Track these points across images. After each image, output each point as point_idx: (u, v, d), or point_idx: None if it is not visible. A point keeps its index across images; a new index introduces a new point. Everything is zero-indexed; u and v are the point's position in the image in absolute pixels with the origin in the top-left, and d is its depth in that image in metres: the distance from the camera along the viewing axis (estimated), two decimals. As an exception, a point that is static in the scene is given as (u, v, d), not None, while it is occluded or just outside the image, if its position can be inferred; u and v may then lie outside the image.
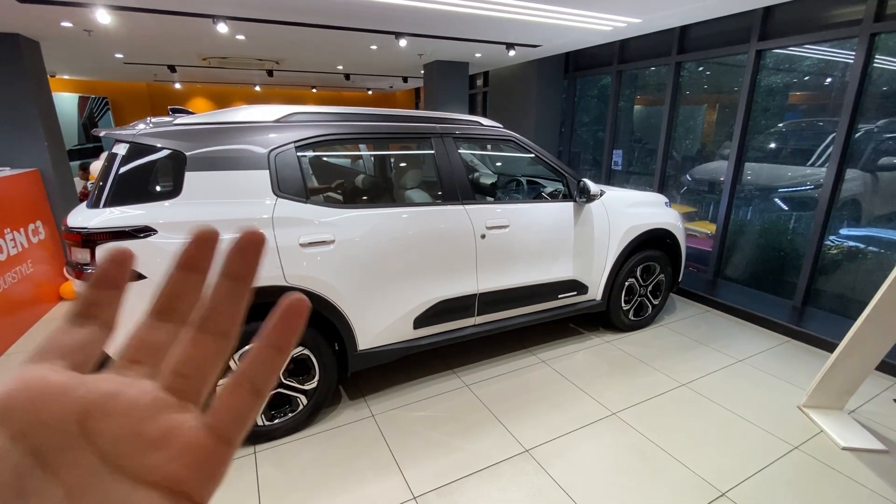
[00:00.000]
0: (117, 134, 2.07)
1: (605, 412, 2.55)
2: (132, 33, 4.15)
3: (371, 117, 2.53)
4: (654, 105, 5.53)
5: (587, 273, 3.17)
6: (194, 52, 5.20)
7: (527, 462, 2.17)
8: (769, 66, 4.08)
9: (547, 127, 6.76)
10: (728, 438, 2.35)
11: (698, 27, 4.58)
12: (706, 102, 4.91)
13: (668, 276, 3.60)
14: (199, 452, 0.19)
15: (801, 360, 3.18)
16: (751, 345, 3.38)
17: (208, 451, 0.19)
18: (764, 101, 4.15)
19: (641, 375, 2.93)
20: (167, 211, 1.98)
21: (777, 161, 4.18)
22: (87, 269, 1.89)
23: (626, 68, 5.58)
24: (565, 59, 6.53)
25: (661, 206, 3.56)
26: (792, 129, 4.05)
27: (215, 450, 0.19)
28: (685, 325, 3.73)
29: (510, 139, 2.92)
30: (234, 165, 2.12)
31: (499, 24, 4.01)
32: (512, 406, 2.60)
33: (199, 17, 3.47)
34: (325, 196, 2.59)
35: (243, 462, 2.17)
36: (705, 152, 4.95)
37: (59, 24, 3.74)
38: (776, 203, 4.27)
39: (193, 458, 0.19)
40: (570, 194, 3.06)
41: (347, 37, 4.36)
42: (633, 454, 2.22)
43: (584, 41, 4.90)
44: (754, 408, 2.60)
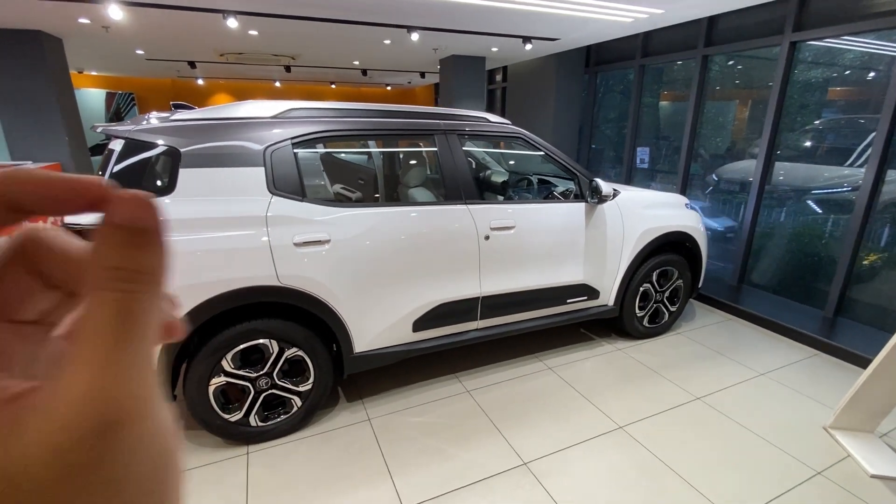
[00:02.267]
0: (113, 130, 2.05)
1: (611, 425, 2.42)
2: (147, 29, 4.19)
3: (371, 113, 2.45)
4: (682, 101, 5.28)
5: (598, 277, 3.02)
6: (211, 47, 5.24)
7: (523, 476, 2.07)
8: (806, 60, 3.81)
9: (566, 123, 6.56)
10: (743, 459, 2.19)
11: (727, 18, 4.33)
12: (737, 98, 4.64)
13: (687, 281, 3.41)
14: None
15: (830, 375, 2.96)
16: (775, 357, 3.17)
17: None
18: (799, 96, 3.89)
19: (653, 387, 2.78)
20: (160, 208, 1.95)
21: (812, 160, 3.91)
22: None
23: (649, 62, 5.35)
24: (586, 53, 6.32)
25: (680, 207, 3.37)
26: (829, 127, 3.78)
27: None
28: (704, 333, 3.53)
29: (519, 136, 2.80)
30: (229, 162, 2.08)
31: (514, 16, 3.87)
32: (513, 414, 2.50)
33: (208, 12, 3.46)
34: (323, 194, 2.53)
35: (235, 462, 2.14)
36: (735, 150, 4.68)
37: (76, 20, 3.80)
38: (809, 205, 4.01)
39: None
40: (581, 194, 2.92)
41: (359, 31, 4.30)
42: (638, 472, 2.09)
43: (604, 34, 4.70)
44: (774, 427, 2.42)
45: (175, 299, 0.19)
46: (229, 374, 2.13)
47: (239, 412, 2.20)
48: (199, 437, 2.30)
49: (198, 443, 2.26)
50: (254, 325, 2.12)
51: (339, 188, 2.94)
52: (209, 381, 2.10)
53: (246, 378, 2.17)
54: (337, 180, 2.99)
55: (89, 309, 0.16)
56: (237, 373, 2.14)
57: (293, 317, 2.21)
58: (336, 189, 2.91)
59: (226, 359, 2.11)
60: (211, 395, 2.12)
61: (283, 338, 2.18)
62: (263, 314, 2.16)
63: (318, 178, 2.64)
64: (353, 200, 2.87)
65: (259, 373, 2.19)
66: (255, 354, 2.21)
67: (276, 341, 2.18)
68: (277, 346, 2.19)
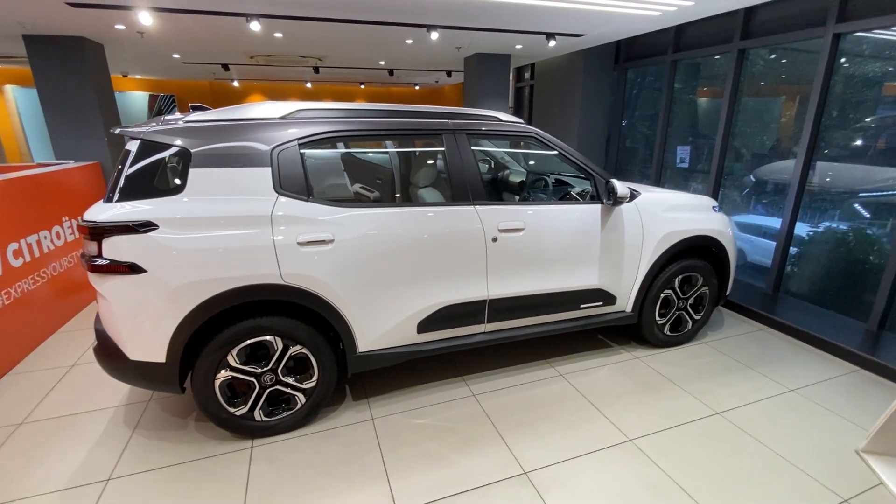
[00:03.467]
0: (130, 131, 2.13)
1: (621, 437, 2.32)
2: (178, 34, 4.36)
3: (379, 113, 2.44)
4: (722, 97, 5.00)
5: (615, 282, 2.91)
6: (241, 50, 5.41)
7: (523, 486, 2.01)
8: (854, 53, 3.53)
9: (594, 121, 6.38)
10: (761, 481, 2.04)
11: (766, 9, 4.08)
12: (783, 94, 4.35)
13: (714, 288, 3.23)
14: None
15: (868, 394, 2.73)
16: (808, 372, 2.96)
17: None
18: (848, 92, 3.60)
19: (670, 399, 2.65)
20: (170, 206, 2.02)
21: (860, 160, 3.62)
22: (96, 262, 1.96)
23: (681, 57, 5.12)
24: (616, 48, 6.11)
25: (706, 210, 3.20)
26: (880, 125, 3.48)
27: None
28: (731, 344, 3.34)
29: (532, 135, 2.73)
30: (237, 162, 2.12)
31: (535, 12, 3.78)
32: (518, 421, 2.44)
33: (233, 17, 3.56)
34: (329, 194, 2.54)
35: (238, 456, 2.19)
36: (779, 149, 4.39)
37: (113, 27, 4.00)
38: (854, 209, 3.72)
39: None
40: (598, 195, 2.81)
41: (380, 31, 4.32)
42: (645, 489, 1.99)
43: (632, 28, 4.53)
44: (800, 448, 2.25)
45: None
46: (235, 369, 2.18)
47: (244, 406, 2.24)
48: (206, 429, 2.36)
49: (206, 435, 2.32)
50: (258, 322, 2.15)
51: (346, 188, 2.95)
52: (215, 375, 2.15)
53: (251, 373, 2.21)
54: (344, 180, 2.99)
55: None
56: (242, 368, 2.19)
57: (297, 315, 2.24)
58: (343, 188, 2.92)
59: (231, 354, 2.16)
60: (217, 388, 2.17)
61: (287, 335, 2.21)
62: (268, 311, 2.19)
63: (326, 178, 2.65)
64: (361, 200, 2.87)
65: (264, 369, 2.23)
66: (260, 351, 2.25)
67: (280, 338, 2.21)
68: (282, 343, 2.22)
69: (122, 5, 3.32)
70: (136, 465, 2.13)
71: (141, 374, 2.09)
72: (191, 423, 2.42)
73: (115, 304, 1.99)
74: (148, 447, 2.25)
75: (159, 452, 2.21)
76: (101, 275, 1.97)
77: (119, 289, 1.97)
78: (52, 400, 2.64)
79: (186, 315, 2.00)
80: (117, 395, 2.68)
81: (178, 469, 2.10)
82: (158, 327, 2.01)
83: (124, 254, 1.94)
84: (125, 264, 1.94)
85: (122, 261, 1.94)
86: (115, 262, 1.94)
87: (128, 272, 1.94)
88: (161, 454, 2.20)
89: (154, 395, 2.68)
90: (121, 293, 1.97)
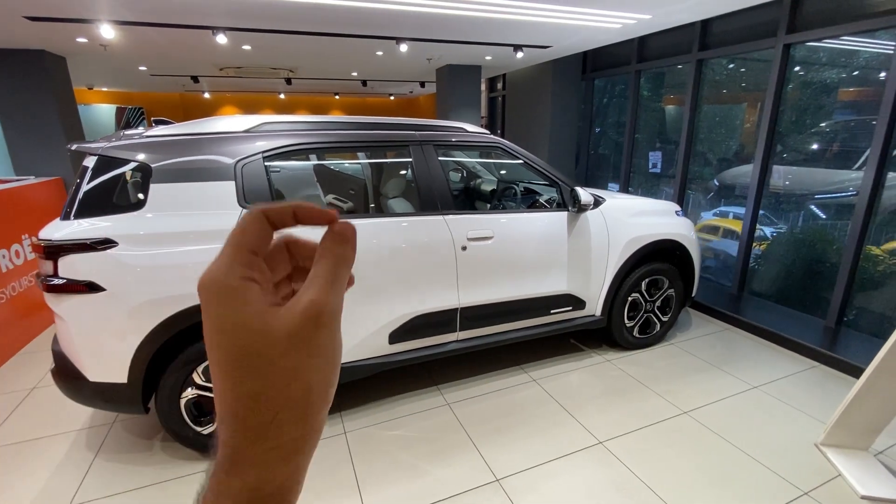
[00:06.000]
0: (87, 147, 2.09)
1: (591, 440, 2.35)
2: (143, 46, 4.30)
3: (345, 126, 2.46)
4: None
5: (584, 287, 2.96)
6: (210, 62, 5.35)
7: (495, 493, 2.02)
8: (810, 61, 3.71)
9: (563, 130, 6.52)
10: (726, 478, 2.10)
11: (721, 22, 4.26)
12: (743, 101, 4.53)
13: (679, 290, 3.33)
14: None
15: (827, 389, 2.84)
16: (771, 369, 3.07)
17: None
18: (800, 99, 3.78)
19: (639, 400, 2.70)
20: (129, 223, 1.98)
21: (815, 164, 3.79)
22: (52, 282, 1.90)
23: (644, 67, 5.29)
24: (583, 59, 6.28)
25: (670, 215, 3.30)
26: (833, 130, 3.66)
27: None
28: (698, 344, 3.44)
29: (498, 146, 2.78)
30: (200, 177, 2.10)
31: (502, 25, 3.86)
32: (491, 429, 2.45)
33: (198, 29, 3.53)
34: None
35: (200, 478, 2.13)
36: (742, 154, 4.56)
37: (75, 39, 3.92)
38: (812, 210, 3.89)
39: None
40: (564, 203, 2.87)
41: (350, 43, 4.34)
42: (613, 490, 2.02)
43: (596, 40, 4.66)
44: (763, 443, 2.33)
45: (352, 276, 0.31)
46: (201, 387, 2.14)
47: (212, 425, 2.19)
48: (173, 449, 2.30)
49: (173, 455, 2.26)
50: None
51: (317, 200, 2.95)
52: (181, 394, 2.11)
53: (218, 391, 2.17)
54: (311, 192, 2.99)
55: (319, 266, 0.29)
56: (208, 385, 2.14)
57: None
58: (313, 201, 2.91)
59: (197, 372, 2.12)
60: (183, 407, 2.12)
61: (254, 351, 2.18)
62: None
63: (294, 191, 2.65)
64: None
65: (231, 386, 2.19)
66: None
67: (247, 354, 2.17)
68: (249, 359, 2.18)
69: (82, 18, 3.25)
70: (98, 490, 2.06)
71: (102, 395, 2.03)
72: (157, 444, 2.35)
73: (72, 324, 1.93)
74: (111, 471, 2.17)
75: (123, 476, 2.14)
76: (57, 294, 1.91)
77: (76, 309, 1.91)
78: (10, 425, 2.53)
79: (148, 334, 1.96)
80: (80, 417, 2.59)
81: (142, 493, 2.04)
82: (118, 347, 1.96)
83: (82, 272, 1.89)
84: (82, 283, 1.89)
85: (79, 280, 1.89)
86: (73, 281, 1.89)
87: (85, 291, 1.89)
88: (125, 477, 2.13)
89: (118, 416, 2.60)
90: (78, 313, 1.92)
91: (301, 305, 0.27)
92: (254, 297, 0.27)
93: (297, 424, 0.27)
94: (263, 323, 0.26)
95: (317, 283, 0.28)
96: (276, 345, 0.26)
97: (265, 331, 0.26)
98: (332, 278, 0.28)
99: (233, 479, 0.26)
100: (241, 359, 0.26)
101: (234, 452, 0.26)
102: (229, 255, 0.28)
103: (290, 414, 0.27)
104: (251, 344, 0.26)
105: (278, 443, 0.27)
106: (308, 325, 0.27)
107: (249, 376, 0.26)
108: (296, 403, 0.27)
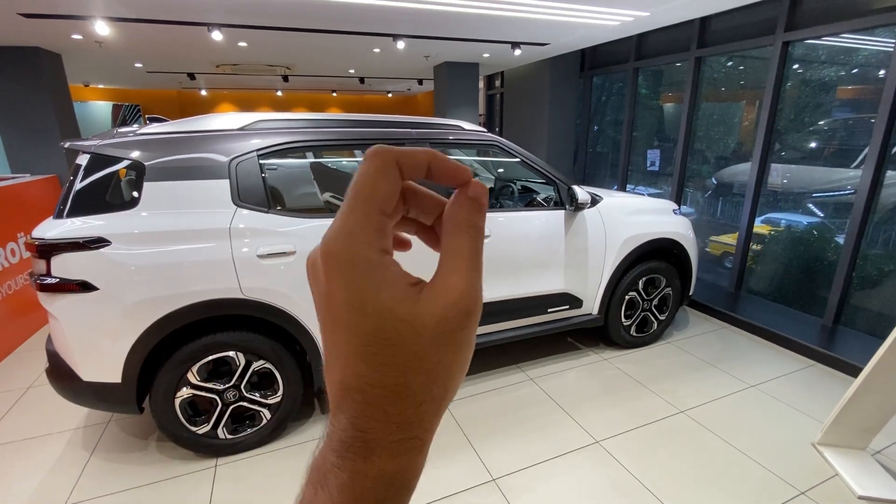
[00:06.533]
0: (79, 145, 2.07)
1: (588, 440, 2.35)
2: (138, 43, 4.27)
3: (341, 123, 2.44)
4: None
5: (581, 286, 2.96)
6: (206, 59, 5.32)
7: (491, 493, 2.01)
8: (808, 59, 3.69)
9: (561, 127, 6.50)
10: (722, 477, 2.10)
11: (720, 19, 4.25)
12: (742, 99, 4.51)
13: (677, 289, 3.32)
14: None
15: (824, 387, 2.84)
16: (768, 368, 3.06)
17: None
18: (798, 97, 3.77)
19: (635, 399, 2.70)
20: (123, 221, 1.96)
21: (814, 162, 3.77)
22: (45, 281, 1.89)
23: (643, 65, 5.27)
24: (581, 56, 6.26)
25: (667, 213, 3.29)
26: (831, 128, 3.65)
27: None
28: (696, 342, 3.43)
29: (494, 144, 2.76)
30: (193, 175, 2.08)
31: (499, 22, 3.84)
32: (488, 428, 2.45)
33: (194, 26, 3.51)
34: (292, 205, 2.52)
35: (202, 475, 2.13)
36: (740, 152, 4.54)
37: (70, 36, 3.89)
38: (809, 209, 3.88)
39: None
40: (561, 201, 2.86)
41: (347, 40, 4.32)
42: (610, 490, 2.02)
43: (594, 37, 4.65)
44: (760, 442, 2.33)
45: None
46: (196, 386, 2.12)
47: (207, 425, 2.18)
48: (168, 449, 2.29)
49: (168, 455, 2.25)
50: (219, 337, 2.11)
51: (313, 198, 2.93)
52: (175, 393, 2.10)
53: (213, 390, 2.16)
54: (305, 191, 2.97)
55: (458, 242, 0.26)
56: (204, 385, 2.13)
57: (260, 329, 2.20)
58: (308, 199, 2.89)
59: (192, 371, 2.11)
60: (177, 407, 2.11)
61: (249, 350, 2.17)
62: (229, 326, 2.15)
63: (287, 189, 2.63)
64: (332, 210, 2.85)
65: (227, 385, 2.18)
66: (223, 367, 2.20)
67: (242, 353, 2.17)
68: (244, 358, 2.18)
69: (76, 15, 3.23)
70: (93, 489, 2.05)
71: (96, 395, 2.02)
72: (152, 444, 2.35)
73: (66, 323, 1.92)
74: (106, 470, 2.17)
75: (118, 475, 2.13)
76: (50, 294, 1.90)
77: (70, 308, 1.90)
78: (5, 424, 2.52)
79: (141, 333, 1.95)
80: (75, 417, 2.58)
81: (137, 492, 2.03)
82: (112, 347, 1.94)
83: (75, 271, 1.88)
84: (76, 282, 1.87)
85: (72, 279, 1.88)
86: (65, 280, 1.88)
87: (79, 290, 1.88)
88: (120, 477, 2.12)
89: (113, 416, 2.59)
90: (72, 312, 1.91)
91: (451, 296, 0.25)
92: (395, 277, 0.25)
93: (435, 417, 0.26)
94: (410, 311, 0.24)
95: (461, 266, 0.26)
96: (424, 337, 0.24)
97: (412, 320, 0.24)
98: (477, 260, 0.26)
99: (370, 465, 0.24)
100: (381, 346, 0.24)
101: (370, 438, 0.24)
102: (362, 217, 0.25)
103: (431, 406, 0.25)
104: (396, 333, 0.24)
105: (417, 433, 0.25)
106: (458, 319, 0.25)
107: (392, 367, 0.24)
108: (435, 397, 0.25)
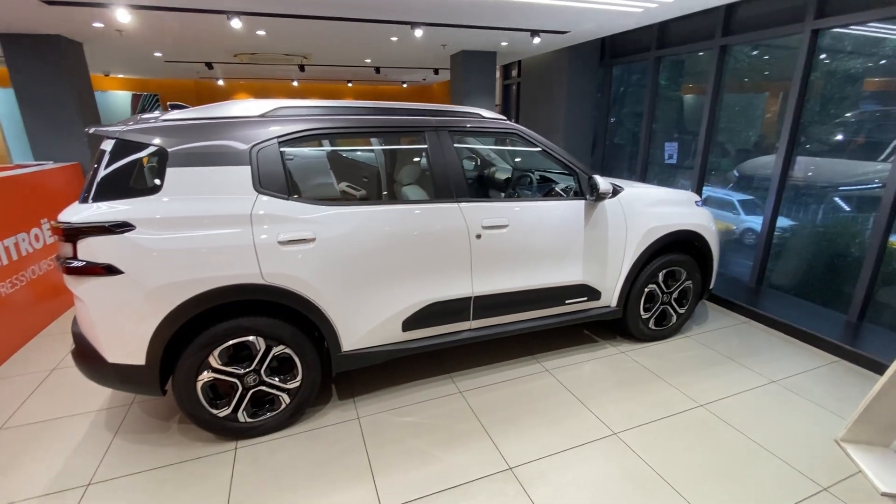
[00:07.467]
0: (104, 130, 2.10)
1: (606, 431, 2.33)
2: (158, 32, 4.30)
3: (360, 111, 2.43)
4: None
5: (600, 277, 2.92)
6: (224, 49, 5.34)
7: (507, 482, 2.01)
8: (836, 49, 3.57)
9: (579, 118, 6.40)
10: (743, 472, 2.07)
11: (746, 6, 4.12)
12: (767, 90, 4.38)
13: (697, 282, 3.26)
14: None
15: (848, 384, 2.78)
16: (790, 364, 3.01)
17: None
18: (830, 87, 3.64)
19: (654, 392, 2.67)
20: (147, 206, 1.99)
21: (842, 155, 3.66)
22: (71, 264, 1.92)
23: (665, 54, 5.15)
24: (601, 45, 6.14)
25: (689, 205, 3.23)
26: (862, 120, 3.53)
27: None
28: (715, 336, 3.38)
29: (514, 132, 2.73)
30: (215, 161, 2.09)
31: (518, 9, 3.78)
32: (504, 418, 2.45)
33: (213, 14, 3.51)
34: (312, 192, 2.52)
35: (222, 457, 2.16)
36: (763, 144, 4.43)
37: (91, 24, 3.93)
38: (835, 202, 3.78)
39: None
40: (581, 191, 2.82)
41: (365, 29, 4.29)
42: (627, 481, 2.01)
43: (615, 25, 4.55)
44: (781, 438, 2.29)
45: None
46: (217, 370, 2.16)
47: (227, 408, 2.22)
48: (189, 431, 2.34)
49: (189, 437, 2.30)
50: (240, 322, 2.13)
51: (331, 186, 2.93)
52: (197, 376, 2.13)
53: (233, 374, 2.19)
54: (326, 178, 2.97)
55: None
56: (224, 369, 2.16)
57: (280, 314, 2.22)
58: (327, 187, 2.89)
59: (213, 355, 2.14)
60: (199, 390, 2.15)
61: (269, 335, 2.19)
62: (250, 312, 2.17)
63: (307, 176, 2.63)
64: (348, 198, 2.85)
65: (247, 369, 2.21)
66: (243, 351, 2.22)
67: (262, 338, 2.19)
68: (265, 343, 2.20)
69: (98, 3, 3.26)
70: (117, 469, 2.10)
71: (120, 377, 2.06)
72: (174, 426, 2.39)
73: (91, 306, 1.95)
74: (130, 451, 2.22)
75: (141, 456, 2.18)
76: (76, 277, 1.93)
77: (95, 291, 1.94)
78: (31, 405, 2.59)
79: (165, 317, 1.97)
80: (99, 398, 2.64)
81: (160, 472, 2.08)
82: (137, 330, 1.98)
83: (100, 255, 1.91)
84: (101, 266, 1.90)
85: (98, 262, 1.90)
86: (91, 263, 1.91)
87: (104, 274, 1.91)
88: (143, 457, 2.17)
89: (136, 398, 2.64)
90: (97, 295, 1.94)
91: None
92: None
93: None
94: None
95: None
96: None
97: None
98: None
99: None
100: None
101: None
102: None
103: None
104: None
105: None
106: None
107: None
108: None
